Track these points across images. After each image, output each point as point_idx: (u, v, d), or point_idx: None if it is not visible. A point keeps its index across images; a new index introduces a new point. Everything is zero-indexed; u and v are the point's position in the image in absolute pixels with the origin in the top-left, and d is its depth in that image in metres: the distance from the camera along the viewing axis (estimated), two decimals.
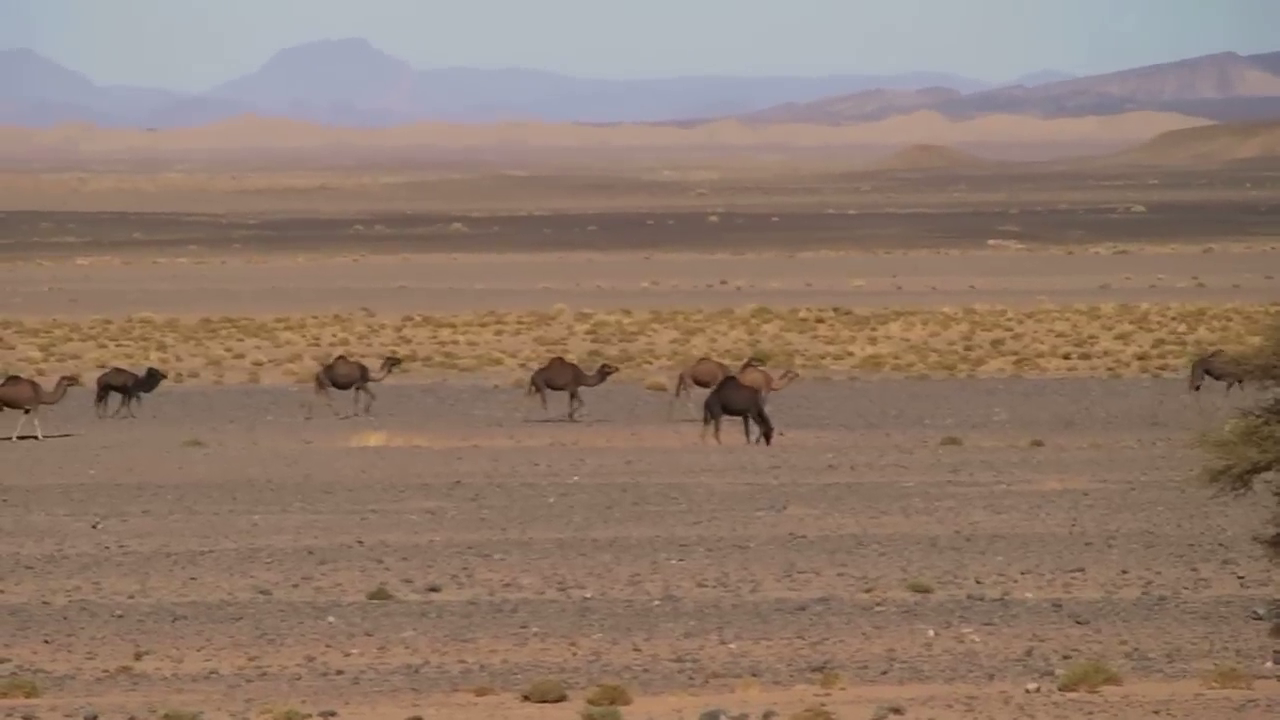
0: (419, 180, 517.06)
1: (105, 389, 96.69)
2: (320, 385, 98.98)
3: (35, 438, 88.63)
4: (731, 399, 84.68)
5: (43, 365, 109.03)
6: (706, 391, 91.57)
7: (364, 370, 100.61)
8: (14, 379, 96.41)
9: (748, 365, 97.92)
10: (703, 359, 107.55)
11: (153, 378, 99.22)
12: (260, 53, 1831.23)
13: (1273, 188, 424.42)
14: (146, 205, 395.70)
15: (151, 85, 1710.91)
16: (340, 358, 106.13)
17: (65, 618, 49.44)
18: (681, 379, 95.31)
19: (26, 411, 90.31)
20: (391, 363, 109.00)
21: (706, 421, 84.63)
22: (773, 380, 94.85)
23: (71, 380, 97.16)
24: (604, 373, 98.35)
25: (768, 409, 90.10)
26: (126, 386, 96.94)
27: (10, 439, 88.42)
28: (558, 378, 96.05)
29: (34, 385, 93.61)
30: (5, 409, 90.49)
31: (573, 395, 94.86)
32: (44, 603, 51.53)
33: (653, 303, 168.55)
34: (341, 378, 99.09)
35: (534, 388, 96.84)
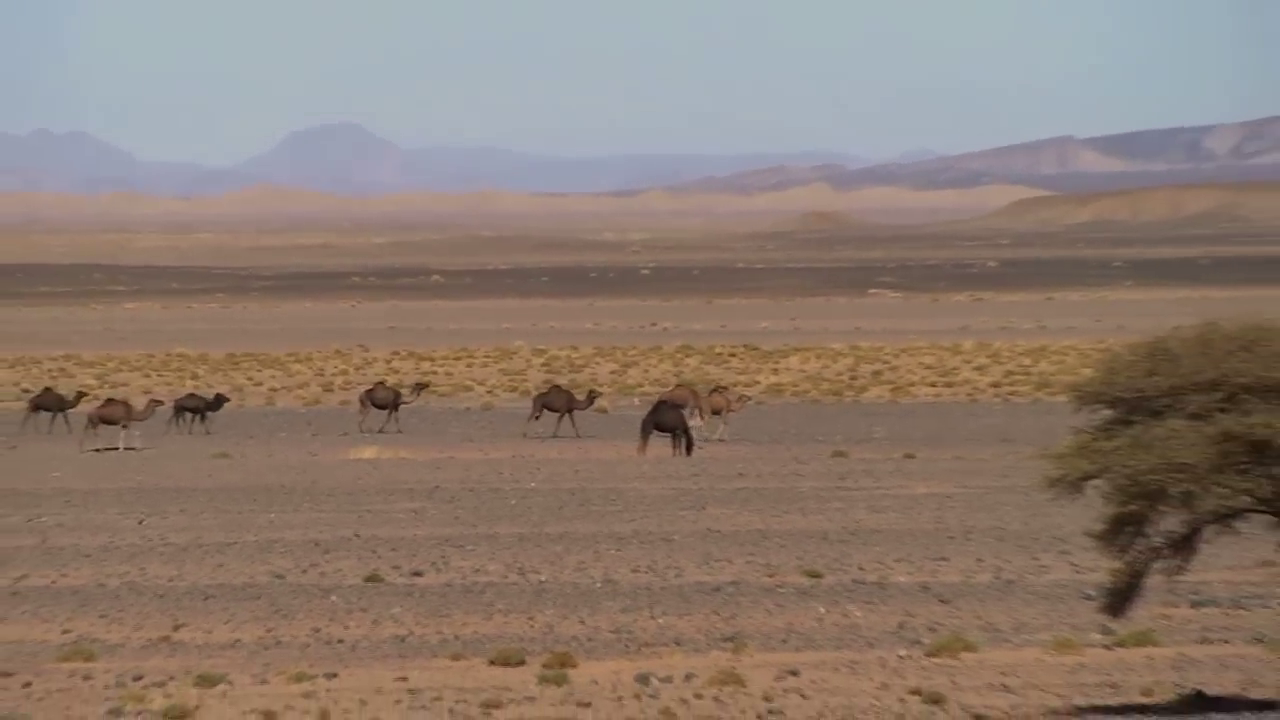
0: (404, 240, 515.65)
1: (180, 410, 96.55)
2: (363, 405, 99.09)
3: (134, 449, 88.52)
4: (663, 419, 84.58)
5: (99, 391, 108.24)
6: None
7: (397, 394, 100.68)
8: (111, 400, 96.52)
9: (714, 391, 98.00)
10: (678, 385, 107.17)
11: (219, 401, 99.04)
12: (273, 134, 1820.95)
13: (1101, 247, 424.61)
14: (181, 260, 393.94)
15: (184, 160, 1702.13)
16: (379, 383, 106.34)
17: (117, 596, 49.44)
18: (673, 401, 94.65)
19: (124, 428, 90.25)
20: (420, 387, 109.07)
21: (642, 434, 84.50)
22: (731, 403, 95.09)
23: (158, 403, 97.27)
24: (592, 398, 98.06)
25: (730, 425, 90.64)
26: (199, 408, 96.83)
27: (117, 449, 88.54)
28: (555, 402, 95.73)
29: (127, 405, 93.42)
30: (103, 425, 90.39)
31: (563, 416, 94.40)
32: (99, 585, 51.48)
33: (595, 340, 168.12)
34: (379, 400, 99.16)
35: (535, 410, 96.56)
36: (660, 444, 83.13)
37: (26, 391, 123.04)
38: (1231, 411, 35.24)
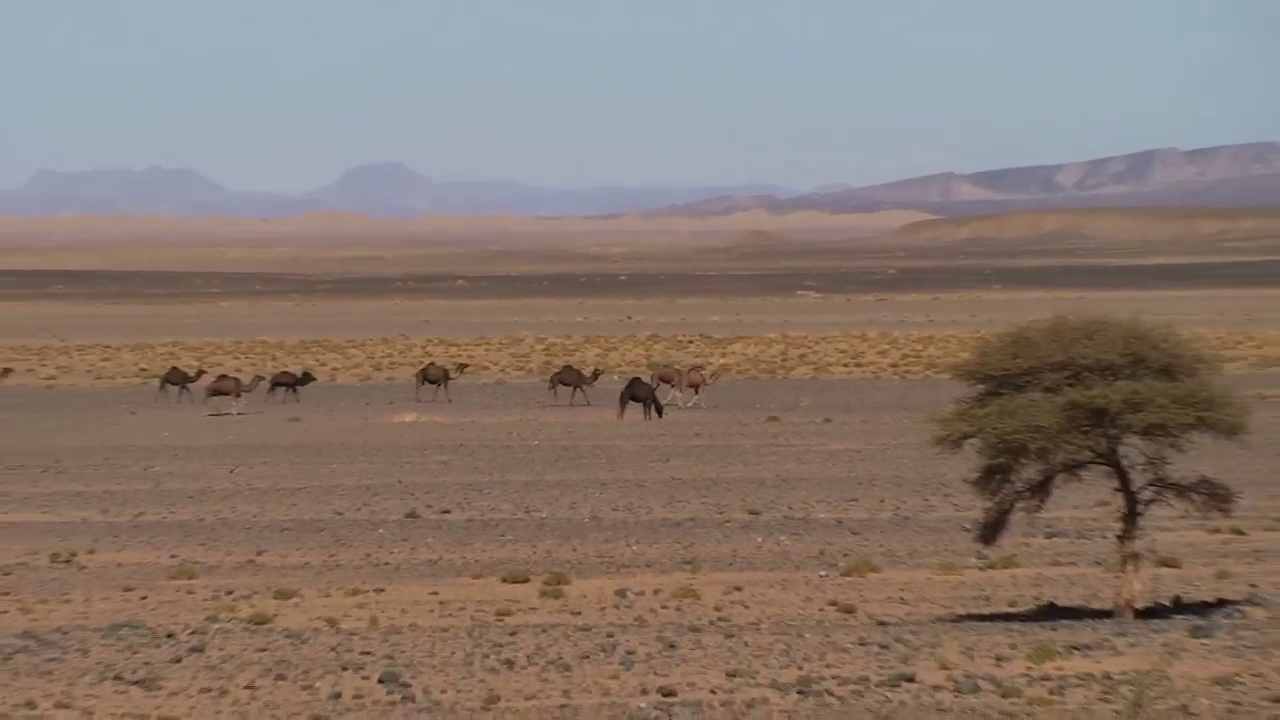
0: (436, 253, 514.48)
1: (276, 384, 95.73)
2: (419, 381, 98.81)
3: (242, 413, 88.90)
4: (636, 392, 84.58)
5: (206, 371, 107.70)
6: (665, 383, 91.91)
7: (446, 371, 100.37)
8: (223, 376, 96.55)
9: (692, 369, 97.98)
10: (666, 365, 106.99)
11: (307, 377, 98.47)
12: (334, 170, 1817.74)
13: (976, 259, 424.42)
14: (262, 269, 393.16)
15: (264, 191, 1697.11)
16: (431, 363, 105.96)
17: (213, 529, 49.40)
18: (662, 376, 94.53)
19: (236, 397, 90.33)
20: (462, 367, 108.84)
21: (621, 403, 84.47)
22: (706, 379, 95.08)
23: (260, 378, 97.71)
24: (596, 375, 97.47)
25: (703, 396, 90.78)
26: (291, 383, 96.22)
27: (230, 413, 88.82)
28: (568, 378, 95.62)
29: (236, 380, 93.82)
30: (217, 395, 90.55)
31: (575, 390, 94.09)
32: (199, 519, 51.45)
33: (584, 330, 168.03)
34: (432, 376, 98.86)
35: (552, 385, 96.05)
36: (634, 411, 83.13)
37: (144, 370, 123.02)
38: (1076, 385, 35.29)
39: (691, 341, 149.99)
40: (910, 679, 29.49)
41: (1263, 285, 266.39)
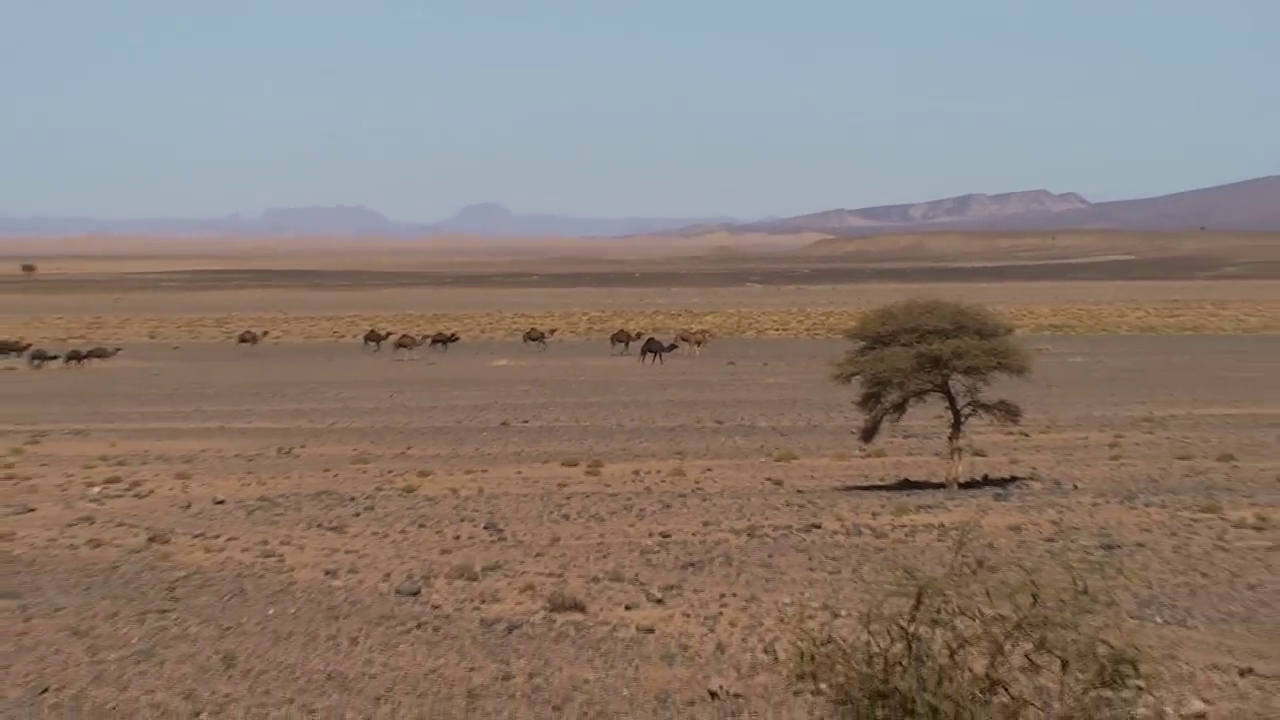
0: (519, 260, 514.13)
1: (435, 341, 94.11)
2: (527, 338, 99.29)
3: (412, 359, 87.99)
4: (650, 346, 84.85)
5: (392, 331, 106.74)
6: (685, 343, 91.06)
7: (541, 334, 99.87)
8: (405, 335, 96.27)
9: (698, 331, 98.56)
10: (691, 329, 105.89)
11: (453, 337, 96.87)
12: (455, 206, 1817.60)
13: (859, 263, 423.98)
14: (409, 269, 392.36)
15: (410, 220, 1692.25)
16: (532, 329, 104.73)
17: (379, 432, 49.06)
18: (683, 337, 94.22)
19: (411, 349, 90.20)
20: (551, 331, 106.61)
21: (641, 354, 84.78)
22: (705, 339, 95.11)
23: (428, 337, 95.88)
24: (628, 337, 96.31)
25: (690, 350, 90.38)
26: (444, 340, 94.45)
27: (409, 359, 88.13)
28: (620, 337, 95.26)
29: (411, 338, 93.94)
30: (401, 348, 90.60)
31: (625, 345, 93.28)
32: (371, 426, 51.23)
33: (612, 309, 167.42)
34: (533, 335, 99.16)
35: (614, 341, 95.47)
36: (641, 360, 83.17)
37: (336, 334, 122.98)
38: (921, 343, 35.32)
39: (679, 315, 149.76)
40: (818, 526, 29.64)
41: (1038, 280, 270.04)
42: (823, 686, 9.64)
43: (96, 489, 36.56)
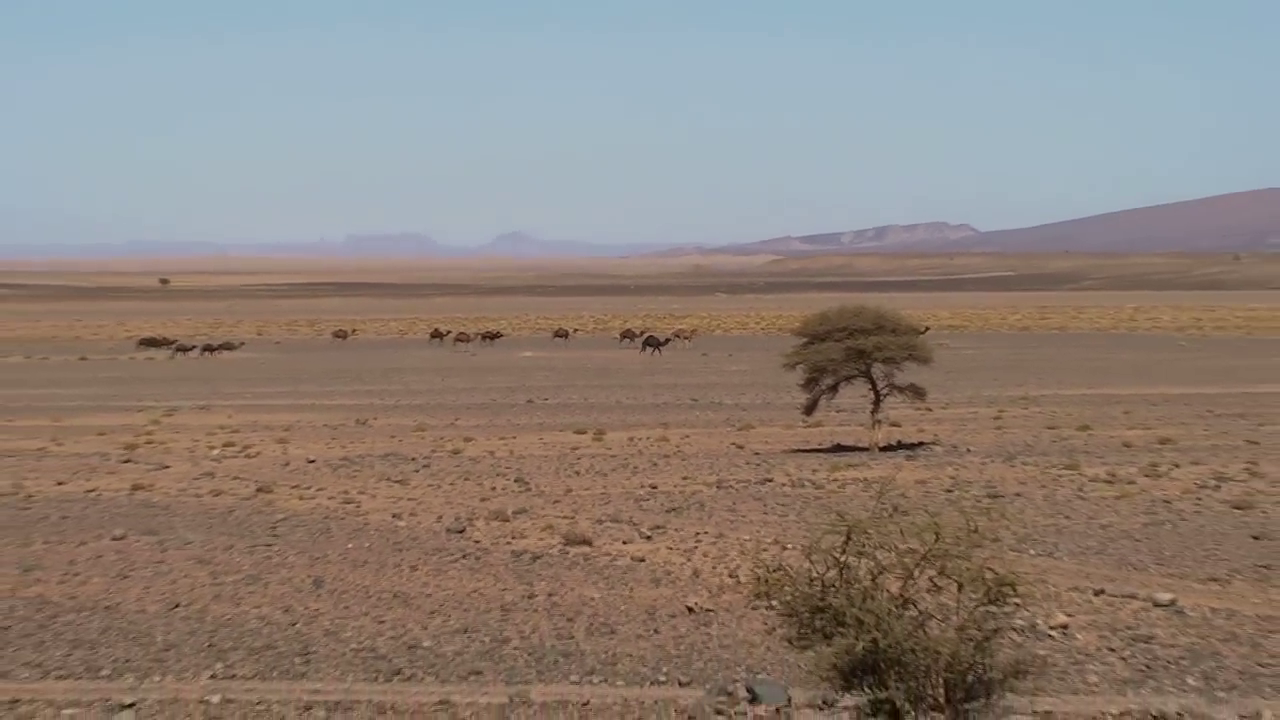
0: (541, 275, 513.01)
1: (485, 337, 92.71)
2: (555, 335, 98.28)
3: (472, 353, 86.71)
4: (651, 340, 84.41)
5: (450, 330, 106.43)
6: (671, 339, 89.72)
7: (566, 332, 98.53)
8: (463, 333, 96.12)
9: (693, 330, 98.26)
10: (680, 328, 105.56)
11: (498, 335, 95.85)
12: (491, 234, 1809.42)
13: (801, 278, 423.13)
14: (454, 282, 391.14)
15: (459, 243, 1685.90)
16: (560, 328, 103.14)
17: (432, 407, 48.64)
18: (676, 334, 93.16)
19: (469, 344, 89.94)
20: (567, 331, 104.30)
21: (642, 347, 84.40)
22: (692, 336, 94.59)
23: (479, 334, 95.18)
24: (633, 333, 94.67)
25: (681, 344, 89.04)
26: (491, 335, 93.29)
27: (461, 352, 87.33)
28: (628, 334, 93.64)
29: (467, 334, 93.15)
30: (460, 342, 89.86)
31: (630, 340, 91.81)
32: (426, 401, 51.04)
33: (613, 312, 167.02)
34: (560, 333, 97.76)
35: (622, 337, 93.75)
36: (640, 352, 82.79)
37: (403, 334, 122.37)
38: (850, 339, 35.24)
39: (664, 318, 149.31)
40: (771, 480, 29.55)
41: (939, 292, 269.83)
42: (774, 603, 9.63)
43: (216, 451, 36.48)
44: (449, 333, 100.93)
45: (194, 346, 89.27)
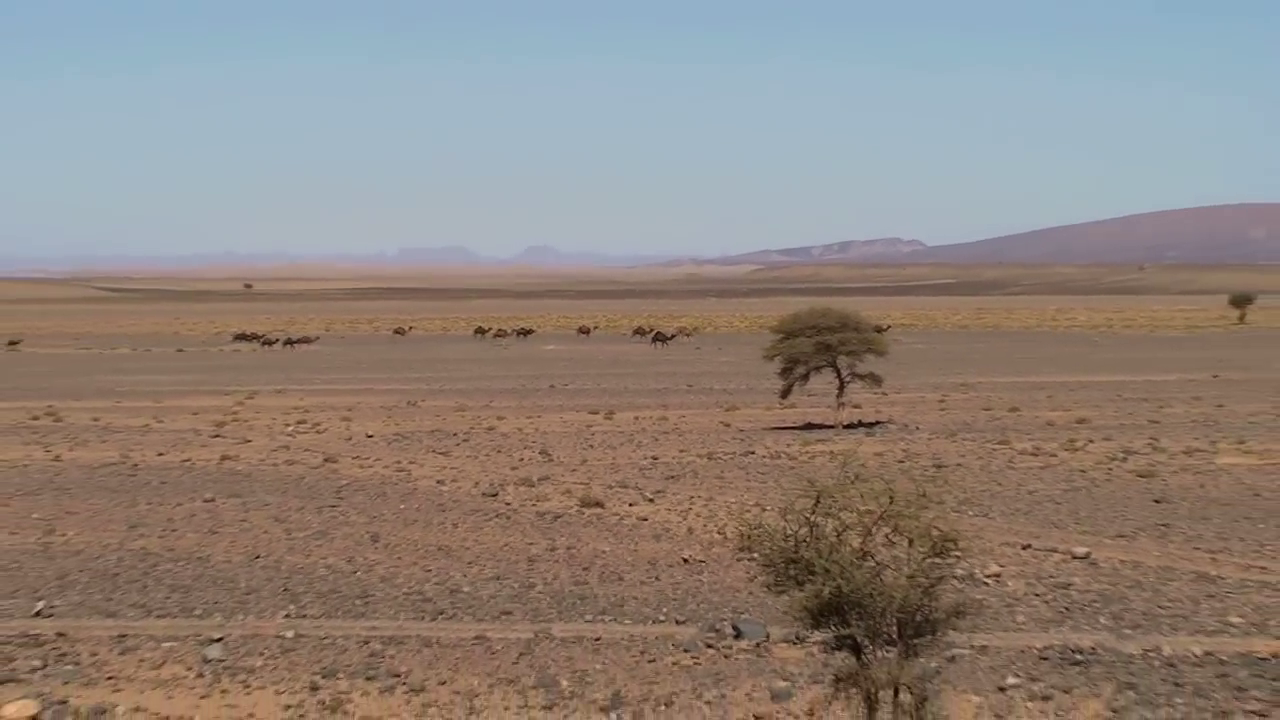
0: (566, 281, 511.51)
1: (519, 333, 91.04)
2: (579, 332, 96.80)
3: (505, 346, 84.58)
4: (659, 335, 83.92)
5: (504, 326, 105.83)
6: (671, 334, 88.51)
7: (588, 329, 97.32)
8: (500, 329, 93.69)
9: (694, 329, 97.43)
10: (681, 326, 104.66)
11: (528, 331, 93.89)
12: (520, 247, 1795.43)
13: (778, 285, 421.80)
14: (488, 287, 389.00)
15: (491, 255, 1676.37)
16: (583, 325, 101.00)
17: (470, 392, 48.27)
18: (680, 330, 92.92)
19: (504, 339, 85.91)
20: (594, 328, 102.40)
21: (652, 341, 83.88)
22: (693, 333, 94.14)
23: (514, 330, 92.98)
24: (645, 330, 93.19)
25: (683, 340, 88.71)
26: (524, 331, 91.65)
27: (499, 346, 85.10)
28: (641, 330, 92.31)
29: (505, 331, 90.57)
30: (499, 338, 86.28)
31: (644, 335, 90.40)
32: (470, 387, 50.36)
33: (623, 313, 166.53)
34: (584, 329, 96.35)
35: (638, 332, 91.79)
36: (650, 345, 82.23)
37: (446, 330, 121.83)
38: (819, 335, 35.14)
39: (664, 318, 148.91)
40: (753, 452, 29.45)
41: (894, 296, 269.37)
42: (755, 556, 9.61)
43: (290, 428, 36.46)
44: (490, 329, 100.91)
45: (278, 340, 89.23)
